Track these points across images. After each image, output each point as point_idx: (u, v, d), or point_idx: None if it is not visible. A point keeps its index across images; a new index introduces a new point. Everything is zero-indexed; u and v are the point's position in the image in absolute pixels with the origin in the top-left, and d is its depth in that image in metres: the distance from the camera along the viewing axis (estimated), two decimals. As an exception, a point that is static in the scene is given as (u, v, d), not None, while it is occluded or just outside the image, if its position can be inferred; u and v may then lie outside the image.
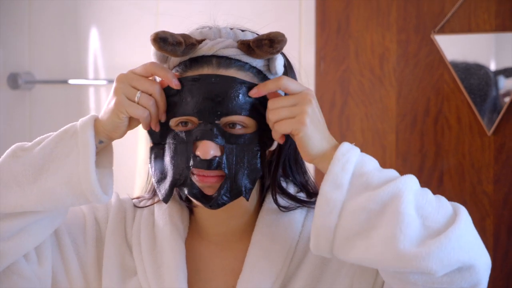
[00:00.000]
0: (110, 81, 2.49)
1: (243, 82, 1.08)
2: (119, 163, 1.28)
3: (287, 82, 1.06)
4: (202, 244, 1.19)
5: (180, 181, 1.09)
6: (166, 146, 1.10)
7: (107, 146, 1.12)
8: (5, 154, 1.11)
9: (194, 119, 1.07)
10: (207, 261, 1.18)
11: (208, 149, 1.06)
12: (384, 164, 2.04)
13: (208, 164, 1.06)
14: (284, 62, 1.15)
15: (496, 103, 1.96)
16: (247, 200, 1.10)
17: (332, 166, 1.01)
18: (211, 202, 1.08)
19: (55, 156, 1.09)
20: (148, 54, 2.57)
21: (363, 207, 0.98)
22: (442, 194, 2.05)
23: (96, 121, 1.10)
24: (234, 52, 1.09)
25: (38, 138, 1.13)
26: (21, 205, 1.07)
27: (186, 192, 1.09)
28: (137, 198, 1.26)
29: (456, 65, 1.98)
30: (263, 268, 1.12)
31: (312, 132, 1.04)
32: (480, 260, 0.99)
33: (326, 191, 1.00)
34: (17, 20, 2.61)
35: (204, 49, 1.09)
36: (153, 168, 1.12)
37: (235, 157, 1.08)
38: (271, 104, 1.07)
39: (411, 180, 1.02)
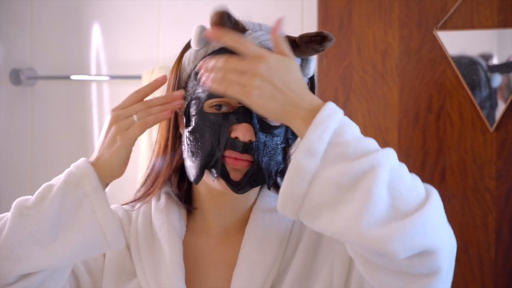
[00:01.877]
0: (112, 77, 2.49)
1: None
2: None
3: (241, 43, 1.01)
4: (201, 239, 1.20)
5: (212, 162, 1.09)
6: (198, 128, 1.10)
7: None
8: (10, 215, 1.08)
9: (233, 101, 1.08)
10: (206, 255, 1.19)
11: (248, 132, 1.07)
12: (386, 160, 2.05)
13: (244, 147, 1.07)
14: (313, 76, 1.18)
15: (492, 99, 1.96)
16: (269, 189, 1.12)
17: (309, 132, 0.96)
18: (238, 186, 1.09)
19: (66, 210, 1.06)
20: (150, 50, 2.56)
21: (334, 180, 0.94)
22: (445, 190, 2.06)
23: (93, 165, 1.09)
24: None
25: (37, 192, 1.08)
26: (49, 264, 1.05)
27: (215, 173, 1.09)
28: (130, 202, 1.25)
29: (459, 61, 1.98)
30: (257, 259, 1.13)
31: (264, 102, 0.98)
32: (444, 246, 0.96)
33: (299, 157, 0.96)
34: (19, 16, 2.61)
35: (249, 38, 1.10)
36: (185, 151, 1.13)
37: (264, 146, 1.09)
38: (222, 62, 1.00)
39: (389, 155, 0.96)
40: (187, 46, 1.19)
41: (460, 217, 1.98)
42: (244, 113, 1.08)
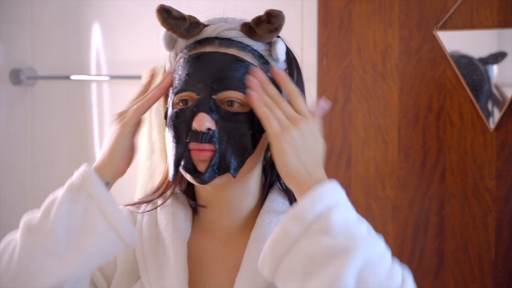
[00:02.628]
0: (112, 77, 2.49)
1: (242, 60, 1.10)
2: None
3: (297, 96, 1.07)
4: (205, 240, 1.19)
5: (181, 158, 1.09)
6: (169, 126, 1.12)
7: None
8: (19, 233, 1.07)
9: (193, 94, 1.09)
10: (209, 257, 1.18)
11: (203, 121, 1.06)
12: (386, 160, 2.05)
13: (201, 136, 1.07)
14: (288, 52, 1.17)
15: (490, 94, 1.96)
16: (234, 177, 1.09)
17: (303, 200, 0.99)
18: (201, 176, 1.08)
19: (74, 216, 1.05)
20: (150, 50, 2.56)
21: (310, 253, 0.96)
22: (445, 190, 2.06)
23: (95, 168, 1.10)
24: (236, 34, 1.12)
25: (43, 205, 1.09)
26: (68, 274, 1.04)
27: (181, 167, 1.09)
28: (135, 204, 1.25)
29: (459, 61, 1.98)
30: None
31: (288, 154, 1.03)
32: None
33: (287, 220, 0.99)
34: (19, 15, 2.61)
35: (207, 31, 1.13)
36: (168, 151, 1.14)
37: (227, 134, 1.08)
38: (283, 83, 1.08)
39: (372, 246, 0.98)
40: None
41: (460, 217, 1.98)
42: (200, 104, 1.08)
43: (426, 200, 2.02)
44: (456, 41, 1.98)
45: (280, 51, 1.13)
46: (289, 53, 1.17)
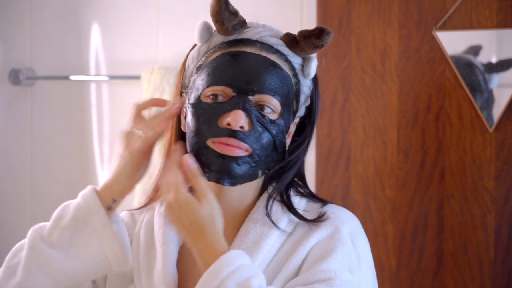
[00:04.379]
0: (112, 77, 2.49)
1: (281, 68, 1.10)
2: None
3: (196, 177, 1.08)
4: None
5: (197, 152, 1.09)
6: (193, 116, 1.10)
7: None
8: (26, 248, 1.14)
9: (228, 90, 1.08)
10: None
11: (239, 118, 1.06)
12: (385, 160, 2.05)
13: (233, 132, 1.06)
14: (316, 77, 1.18)
15: (491, 99, 1.96)
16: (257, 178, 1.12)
17: (204, 278, 1.01)
18: (234, 173, 1.07)
19: (76, 244, 1.13)
20: (149, 50, 2.56)
21: None
22: (444, 191, 2.06)
23: (101, 189, 1.14)
24: (277, 42, 1.12)
25: (50, 224, 1.15)
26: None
27: (204, 159, 1.08)
28: (138, 209, 1.26)
29: (458, 62, 1.98)
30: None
31: (175, 223, 1.07)
32: None
33: None
34: (18, 16, 2.61)
35: (250, 33, 1.12)
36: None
37: (262, 137, 1.08)
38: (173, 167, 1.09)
39: None
40: (193, 47, 1.19)
41: (459, 217, 1.98)
42: (237, 102, 1.07)
43: (425, 200, 2.02)
44: (455, 42, 1.98)
45: (313, 69, 1.14)
46: (316, 72, 1.18)
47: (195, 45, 1.18)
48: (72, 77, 2.53)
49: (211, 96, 1.09)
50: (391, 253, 2.05)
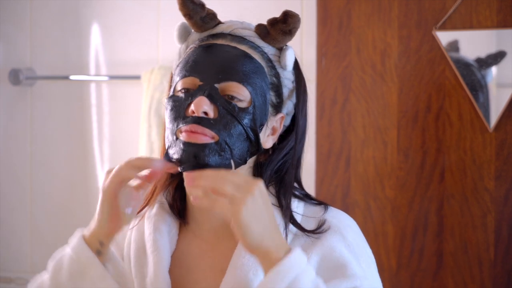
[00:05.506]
0: (112, 77, 2.49)
1: (251, 57, 1.10)
2: (121, 159, 1.28)
3: (228, 176, 1.00)
4: (193, 244, 1.18)
5: (170, 145, 1.08)
6: (167, 112, 1.10)
7: None
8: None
9: (196, 80, 1.08)
10: (198, 260, 1.17)
11: (202, 103, 1.05)
12: (385, 160, 2.05)
13: (197, 119, 1.04)
14: (297, 65, 1.16)
15: (490, 99, 1.96)
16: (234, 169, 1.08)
17: (274, 273, 0.99)
18: (203, 160, 1.04)
19: None
20: (149, 50, 2.56)
21: None
22: (444, 191, 2.06)
23: (89, 235, 1.11)
24: (249, 34, 1.13)
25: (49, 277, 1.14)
26: None
27: (171, 153, 1.07)
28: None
29: (458, 62, 1.98)
30: (247, 269, 1.11)
31: (250, 226, 0.98)
32: None
33: None
34: (19, 16, 2.61)
35: (222, 27, 1.13)
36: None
37: (229, 125, 1.06)
38: (206, 180, 1.00)
39: None
40: None
41: (459, 217, 1.98)
42: (201, 90, 1.06)
43: (425, 200, 2.02)
44: (455, 42, 1.98)
45: (289, 59, 1.13)
46: (298, 65, 1.17)
47: None
48: (72, 77, 2.53)
49: (182, 90, 1.09)
50: (391, 253, 2.05)
